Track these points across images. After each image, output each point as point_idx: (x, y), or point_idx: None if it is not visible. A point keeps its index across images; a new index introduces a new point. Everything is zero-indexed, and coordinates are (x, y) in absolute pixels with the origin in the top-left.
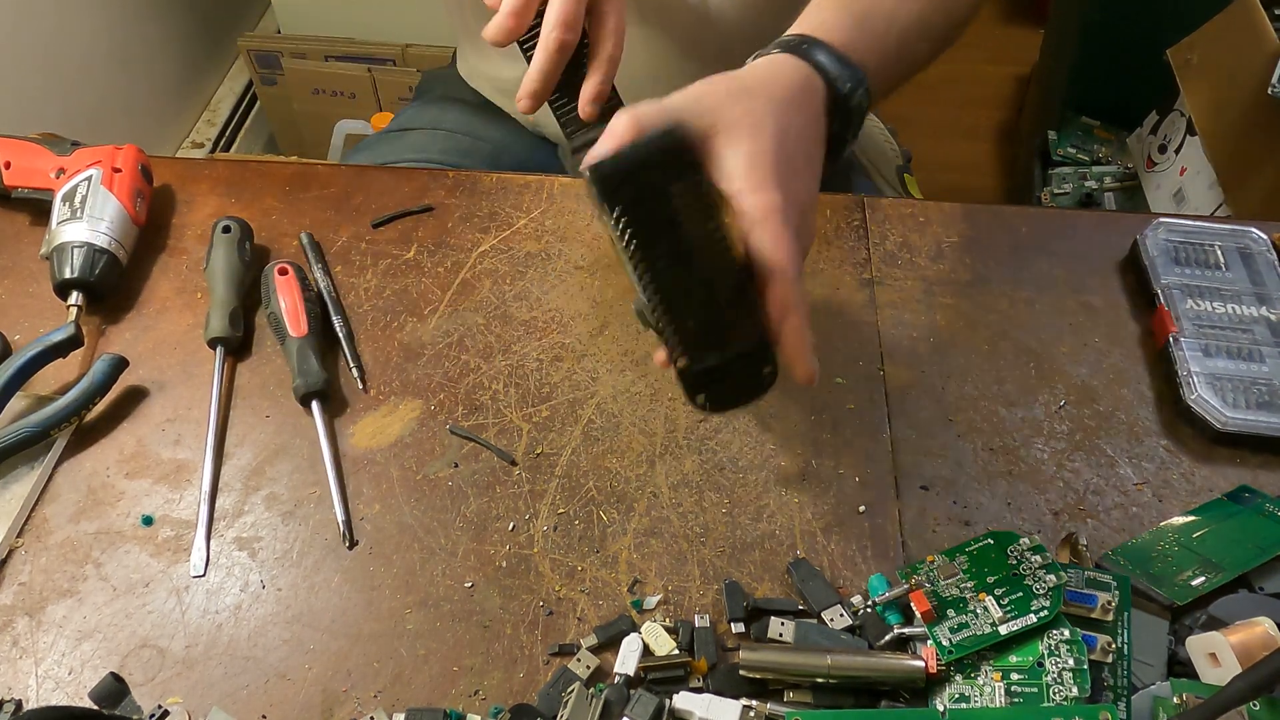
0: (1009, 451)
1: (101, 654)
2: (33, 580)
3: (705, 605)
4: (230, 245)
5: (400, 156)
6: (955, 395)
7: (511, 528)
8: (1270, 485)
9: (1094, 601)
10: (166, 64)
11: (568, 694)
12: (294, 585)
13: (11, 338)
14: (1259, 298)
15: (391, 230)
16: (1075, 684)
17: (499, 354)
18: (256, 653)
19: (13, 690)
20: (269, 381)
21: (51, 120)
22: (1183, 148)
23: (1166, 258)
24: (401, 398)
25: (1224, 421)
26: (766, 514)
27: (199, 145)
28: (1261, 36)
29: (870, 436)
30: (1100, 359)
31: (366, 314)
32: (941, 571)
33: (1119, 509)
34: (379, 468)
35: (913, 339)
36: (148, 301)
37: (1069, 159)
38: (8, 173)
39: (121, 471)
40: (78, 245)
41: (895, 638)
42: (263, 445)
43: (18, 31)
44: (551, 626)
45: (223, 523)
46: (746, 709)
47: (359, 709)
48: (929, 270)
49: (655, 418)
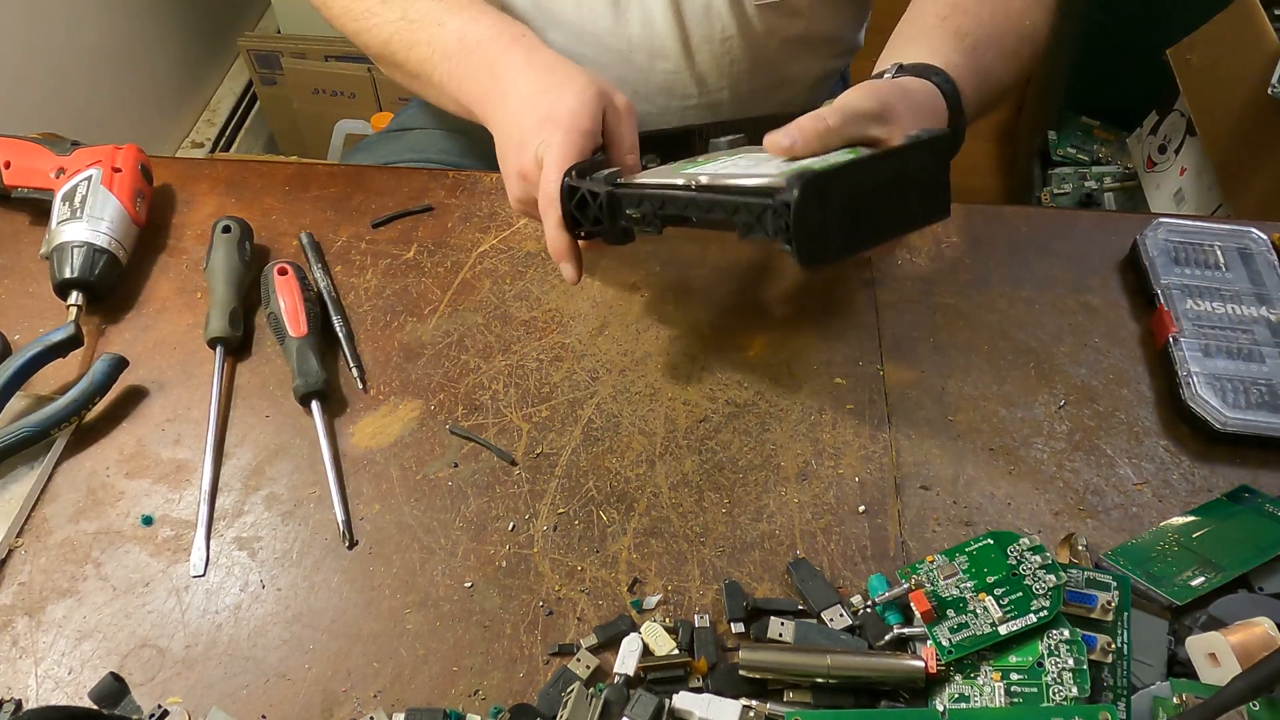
0: (1009, 451)
1: (101, 654)
2: (33, 580)
3: (705, 605)
4: (230, 245)
5: (400, 156)
6: (955, 395)
7: (511, 528)
8: (1270, 485)
9: (1094, 601)
10: (166, 64)
11: (567, 694)
12: (294, 585)
13: (11, 338)
14: (1259, 298)
15: (391, 230)
16: (1075, 684)
17: (499, 354)
18: (256, 653)
19: (13, 690)
20: (269, 381)
21: (51, 120)
22: (1183, 148)
23: (1166, 258)
24: (401, 398)
25: (1224, 421)
26: (766, 514)
27: (199, 145)
28: (1261, 36)
29: (870, 436)
30: (1100, 359)
31: (366, 314)
32: (941, 571)
33: (1119, 509)
34: (379, 468)
35: (913, 339)
36: (148, 301)
37: (1069, 159)
38: (8, 173)
39: (121, 471)
40: (78, 245)
41: (895, 638)
42: (263, 445)
43: (18, 31)
44: (551, 626)
45: (222, 523)
46: (746, 709)
47: (359, 709)
48: (929, 270)
49: (655, 418)
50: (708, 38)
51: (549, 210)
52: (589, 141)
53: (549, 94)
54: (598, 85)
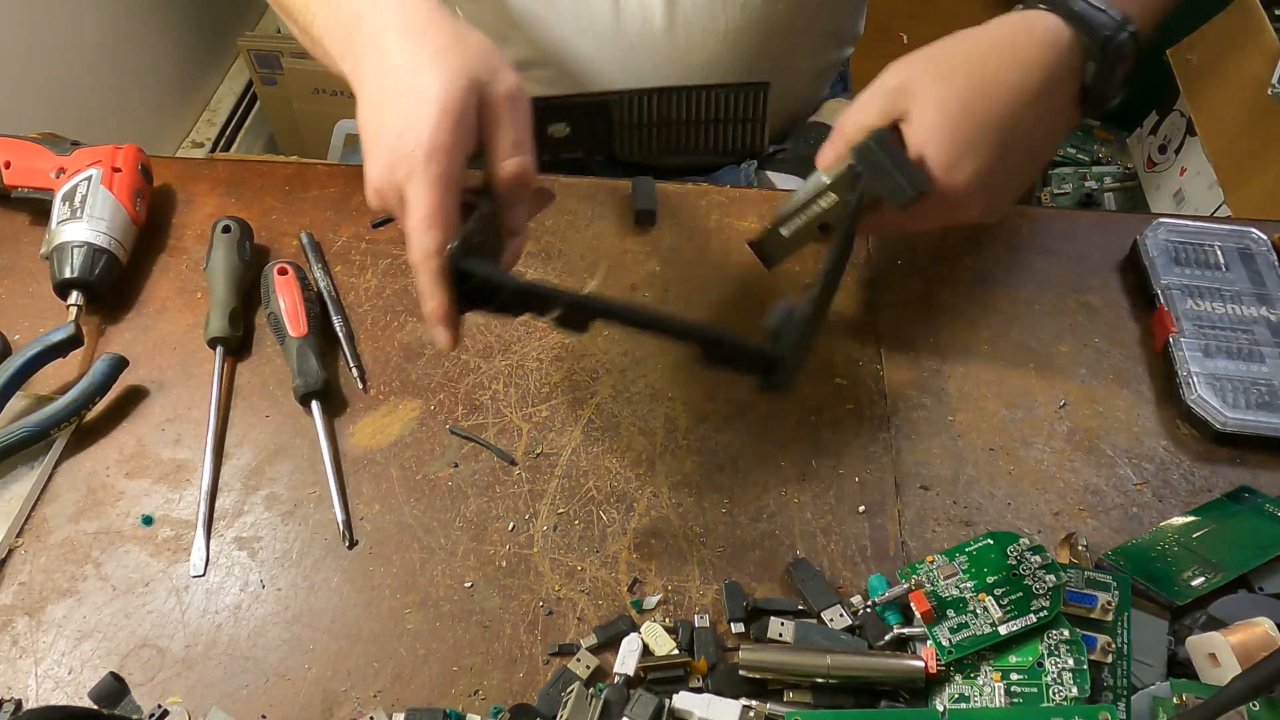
0: (1009, 451)
1: (101, 654)
2: (33, 580)
3: (705, 605)
4: (230, 245)
5: None
6: (955, 395)
7: (511, 528)
8: (1270, 485)
9: (1094, 601)
10: (166, 64)
11: (567, 694)
12: (294, 585)
13: (11, 338)
14: (1259, 298)
15: (391, 230)
16: (1075, 684)
17: (499, 354)
18: (256, 653)
19: (13, 690)
20: (269, 381)
21: (52, 120)
22: (1183, 148)
23: (1166, 258)
24: (401, 398)
25: (1224, 421)
26: (766, 514)
27: (199, 145)
28: (1261, 36)
29: (870, 436)
30: (1100, 359)
31: (366, 314)
32: (941, 571)
33: (1119, 509)
34: (379, 468)
35: (913, 339)
36: (148, 301)
37: (1069, 159)
38: (8, 172)
39: (121, 471)
40: (78, 245)
41: (895, 638)
42: (262, 445)
43: (18, 31)
44: (551, 626)
45: (222, 522)
46: (746, 709)
47: (359, 709)
48: (929, 270)
49: (655, 418)
50: (711, 32)
51: (422, 272)
52: (454, 162)
53: (414, 78)
54: (470, 74)
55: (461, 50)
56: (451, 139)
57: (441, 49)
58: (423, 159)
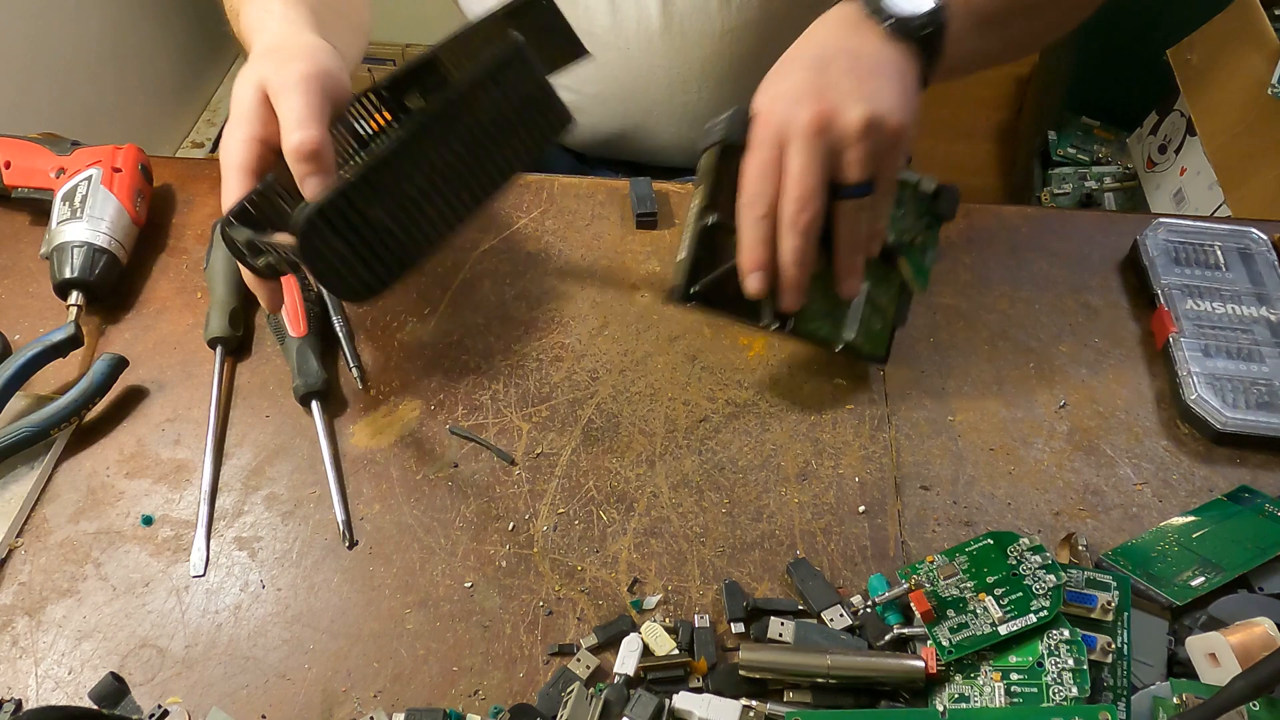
0: (1009, 451)
1: (101, 654)
2: (33, 580)
3: (705, 605)
4: None
5: None
6: (955, 395)
7: (511, 528)
8: (1270, 485)
9: (1094, 601)
10: (166, 64)
11: (567, 694)
12: (294, 585)
13: (11, 338)
14: (1259, 298)
15: None
16: (1075, 684)
17: (499, 354)
18: (256, 653)
19: (13, 690)
20: (269, 381)
21: (51, 120)
22: (1183, 148)
23: (1166, 258)
24: (401, 398)
25: (1224, 421)
26: (766, 514)
27: (199, 145)
28: (1261, 36)
29: (870, 436)
30: (1100, 359)
31: (366, 314)
32: (941, 571)
33: (1119, 509)
34: (379, 468)
35: (913, 339)
36: (148, 301)
37: (1069, 159)
38: (8, 172)
39: (121, 471)
40: (78, 245)
41: (895, 638)
42: (262, 445)
43: (18, 31)
44: (551, 626)
45: (222, 522)
46: (746, 709)
47: (359, 709)
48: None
49: (655, 418)
50: (707, 33)
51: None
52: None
53: (268, 63)
54: (259, 76)
55: (286, 56)
56: (246, 129)
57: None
58: (228, 153)
